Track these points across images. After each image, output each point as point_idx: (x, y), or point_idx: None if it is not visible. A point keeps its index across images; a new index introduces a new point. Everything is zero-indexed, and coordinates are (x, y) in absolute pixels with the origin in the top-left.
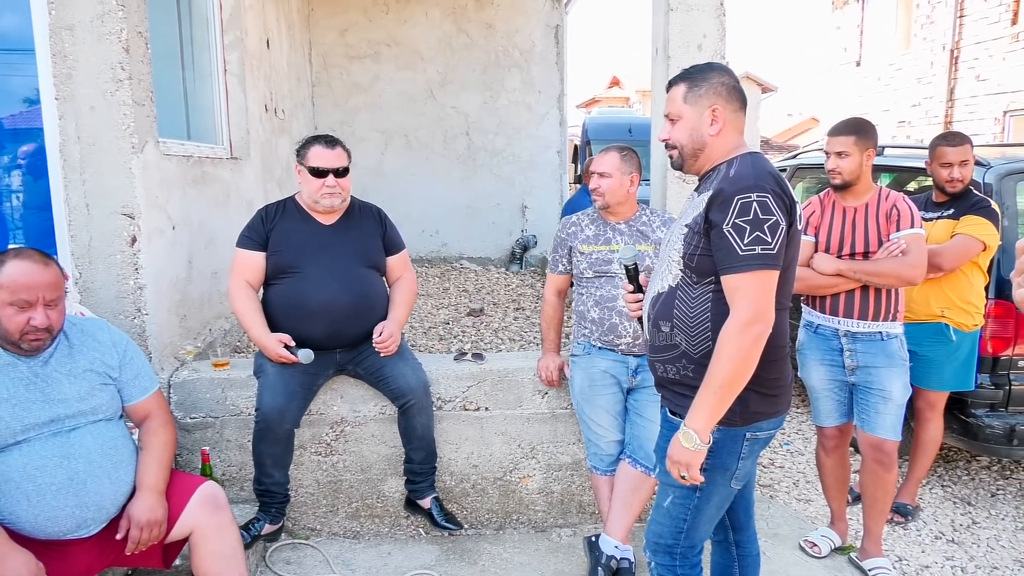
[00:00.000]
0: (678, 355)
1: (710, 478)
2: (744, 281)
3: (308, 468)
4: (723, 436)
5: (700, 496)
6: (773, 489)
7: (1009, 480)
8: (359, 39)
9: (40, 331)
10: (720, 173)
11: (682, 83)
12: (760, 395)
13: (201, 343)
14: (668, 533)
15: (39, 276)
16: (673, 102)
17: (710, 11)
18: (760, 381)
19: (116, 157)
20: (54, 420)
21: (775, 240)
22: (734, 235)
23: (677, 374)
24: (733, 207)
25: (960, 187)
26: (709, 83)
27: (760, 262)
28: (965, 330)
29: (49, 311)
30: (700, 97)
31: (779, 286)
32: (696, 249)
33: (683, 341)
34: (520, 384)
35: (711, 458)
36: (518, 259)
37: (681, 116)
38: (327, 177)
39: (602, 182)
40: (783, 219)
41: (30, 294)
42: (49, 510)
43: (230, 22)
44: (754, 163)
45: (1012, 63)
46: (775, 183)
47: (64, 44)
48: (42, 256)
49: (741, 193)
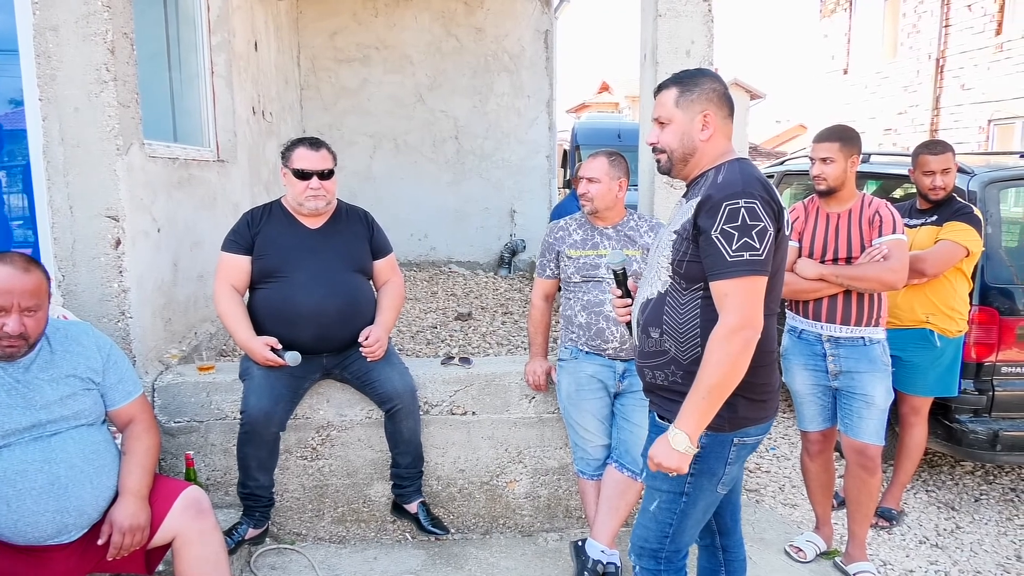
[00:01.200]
0: (667, 361)
1: (697, 483)
2: (732, 287)
3: (293, 472)
4: (711, 441)
5: (686, 501)
6: (759, 494)
7: (992, 485)
8: (348, 42)
9: (13, 338)
10: (708, 179)
11: (673, 87)
12: (748, 400)
13: (186, 347)
14: (654, 537)
15: (16, 282)
16: (663, 106)
17: (698, 17)
18: (748, 387)
19: (100, 159)
20: (36, 425)
21: (763, 246)
22: (722, 241)
23: (666, 380)
24: (721, 213)
25: (942, 195)
26: (701, 88)
27: (748, 268)
28: (949, 336)
29: (26, 318)
30: (692, 102)
31: (767, 291)
32: (685, 255)
33: (672, 347)
34: (507, 388)
35: (698, 463)
36: (506, 263)
37: (672, 120)
38: (311, 179)
39: (591, 187)
40: (771, 225)
41: (5, 300)
42: (29, 515)
43: (217, 23)
44: (742, 169)
45: (996, 72)
46: (763, 189)
47: (48, 45)
48: (25, 262)
49: (729, 199)
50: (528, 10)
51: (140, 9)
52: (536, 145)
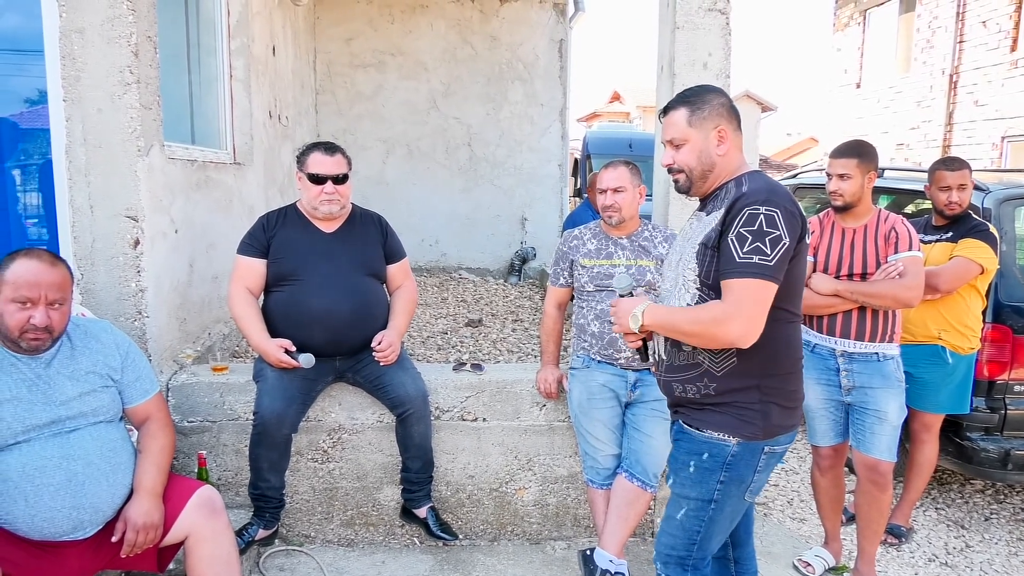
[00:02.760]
0: (700, 374)
1: (726, 490)
2: (737, 286)
3: (304, 475)
4: (742, 449)
5: (715, 508)
6: (767, 507)
7: (1003, 504)
8: (364, 48)
9: (39, 330)
10: (729, 191)
11: (682, 107)
12: (781, 408)
13: (200, 347)
14: (681, 545)
15: (44, 275)
16: (675, 126)
17: (716, 30)
18: (781, 393)
19: (122, 160)
20: (55, 421)
21: (775, 253)
22: (735, 243)
23: (698, 393)
24: (740, 217)
25: (958, 211)
26: (710, 105)
27: (754, 270)
28: (962, 353)
29: (51, 311)
30: (704, 119)
31: (789, 298)
32: (712, 266)
33: (706, 359)
34: (518, 396)
35: (728, 470)
36: (517, 271)
37: (687, 139)
38: (326, 184)
39: (617, 197)
40: (788, 235)
41: (32, 292)
42: (46, 511)
43: (237, 28)
44: (766, 179)
45: (1011, 89)
46: (788, 200)
47: (74, 47)
48: (51, 256)
49: (751, 205)
50: (543, 19)
51: (161, 13)
52: (548, 153)
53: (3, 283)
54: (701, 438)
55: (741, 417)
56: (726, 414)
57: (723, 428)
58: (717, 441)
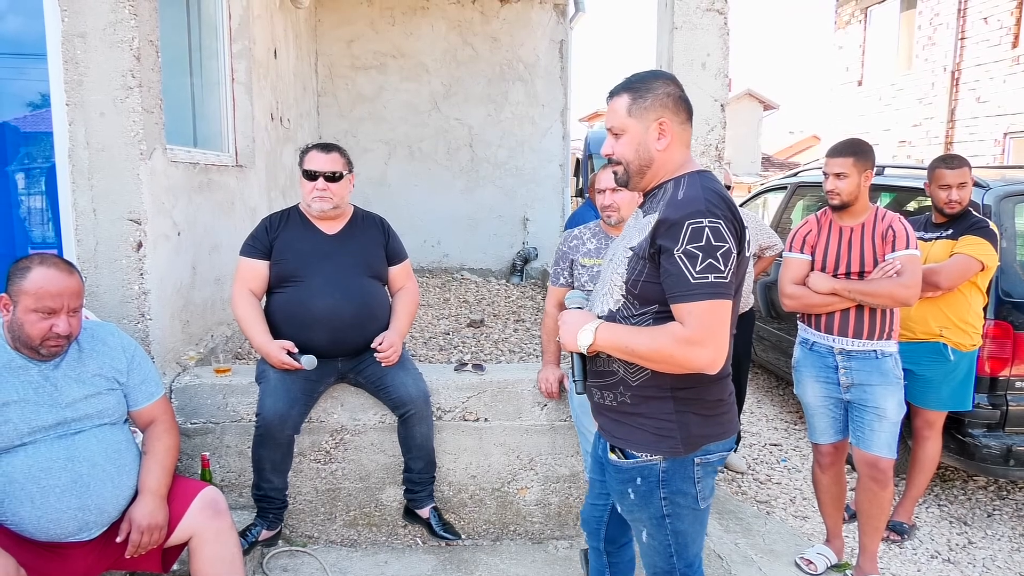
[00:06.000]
0: (616, 381)
1: (674, 504)
2: (697, 309)
3: (307, 475)
4: (671, 465)
5: (671, 521)
6: (770, 505)
7: (1005, 500)
8: (365, 50)
9: (61, 338)
10: (667, 193)
11: (625, 94)
12: (702, 417)
13: (203, 349)
14: (661, 560)
15: (65, 284)
16: (615, 114)
17: (714, 30)
18: (699, 402)
19: (124, 163)
20: (61, 423)
21: (728, 268)
22: (685, 261)
23: (615, 401)
24: (684, 232)
25: (958, 208)
26: (654, 94)
27: (712, 291)
28: (963, 350)
29: (71, 319)
30: (645, 109)
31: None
32: (640, 275)
33: (620, 368)
34: (520, 396)
35: (666, 487)
36: (519, 271)
37: (625, 130)
38: (318, 180)
39: (616, 197)
40: (734, 245)
41: (56, 302)
42: (52, 512)
43: (238, 31)
44: (703, 185)
45: (1013, 85)
46: (727, 208)
47: (76, 51)
48: (66, 264)
49: (692, 218)
50: (544, 20)
51: (163, 16)
52: (549, 154)
53: (24, 293)
54: (627, 466)
55: (658, 431)
56: (643, 428)
57: (643, 447)
58: (645, 464)
